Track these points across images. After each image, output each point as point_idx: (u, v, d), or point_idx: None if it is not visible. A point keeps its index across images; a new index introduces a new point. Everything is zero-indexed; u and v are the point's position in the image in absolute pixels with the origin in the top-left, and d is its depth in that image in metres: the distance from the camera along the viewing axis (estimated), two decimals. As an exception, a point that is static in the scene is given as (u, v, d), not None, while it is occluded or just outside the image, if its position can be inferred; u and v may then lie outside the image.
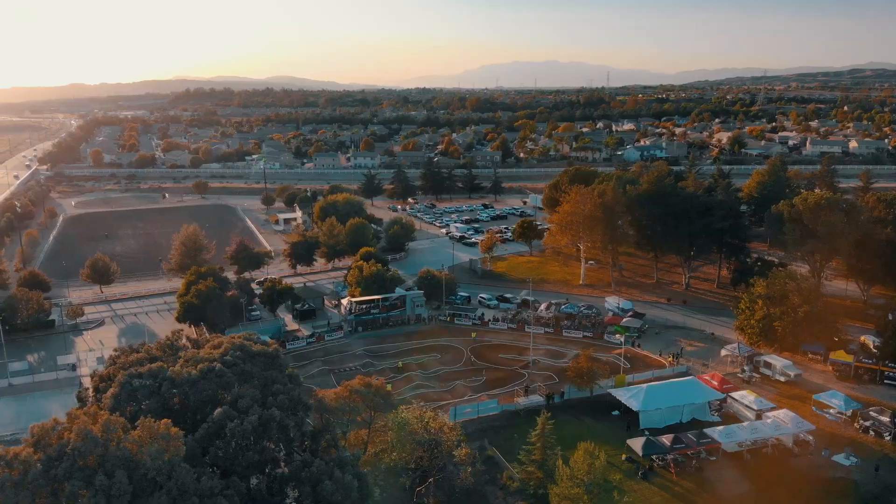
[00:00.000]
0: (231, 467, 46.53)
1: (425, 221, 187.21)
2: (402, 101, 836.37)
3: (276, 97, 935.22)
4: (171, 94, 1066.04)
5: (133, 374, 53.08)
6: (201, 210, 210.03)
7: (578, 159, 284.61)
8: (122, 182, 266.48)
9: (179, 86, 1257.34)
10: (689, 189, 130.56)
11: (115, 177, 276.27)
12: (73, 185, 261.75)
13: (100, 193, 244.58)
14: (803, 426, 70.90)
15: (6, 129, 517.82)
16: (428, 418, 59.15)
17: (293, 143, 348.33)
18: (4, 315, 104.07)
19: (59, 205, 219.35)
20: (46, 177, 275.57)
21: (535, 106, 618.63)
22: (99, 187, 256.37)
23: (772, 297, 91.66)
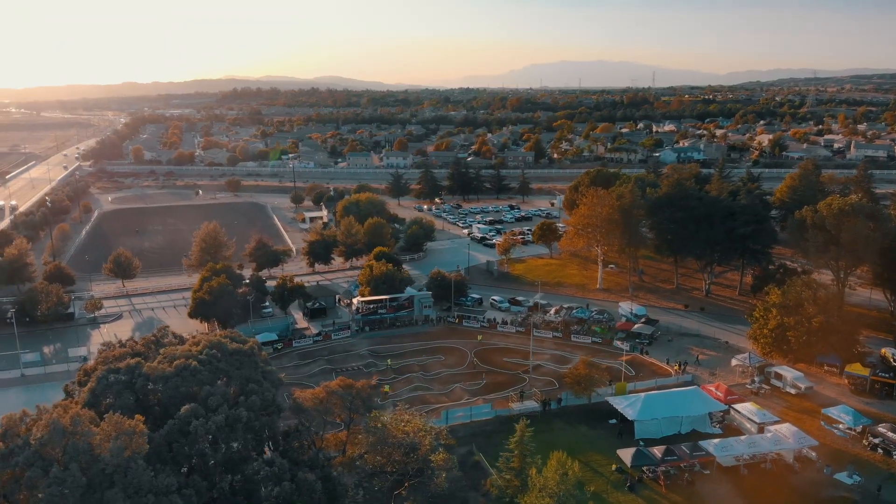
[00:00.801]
0: (195, 465, 46.67)
1: (448, 222, 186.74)
2: (444, 101, 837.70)
3: (320, 97, 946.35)
4: (220, 94, 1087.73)
5: (111, 370, 53.84)
6: (232, 207, 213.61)
7: (613, 160, 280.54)
8: (160, 179, 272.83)
9: (229, 85, 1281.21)
10: (712, 193, 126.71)
11: (154, 173, 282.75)
12: (114, 181, 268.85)
13: (137, 190, 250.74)
14: (806, 441, 68.03)
15: (56, 126, 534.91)
16: (405, 421, 58.50)
17: (329, 143, 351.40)
18: (25, 307, 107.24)
19: (96, 200, 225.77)
20: (88, 173, 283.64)
21: (577, 106, 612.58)
22: (137, 183, 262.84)
23: (787, 305, 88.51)
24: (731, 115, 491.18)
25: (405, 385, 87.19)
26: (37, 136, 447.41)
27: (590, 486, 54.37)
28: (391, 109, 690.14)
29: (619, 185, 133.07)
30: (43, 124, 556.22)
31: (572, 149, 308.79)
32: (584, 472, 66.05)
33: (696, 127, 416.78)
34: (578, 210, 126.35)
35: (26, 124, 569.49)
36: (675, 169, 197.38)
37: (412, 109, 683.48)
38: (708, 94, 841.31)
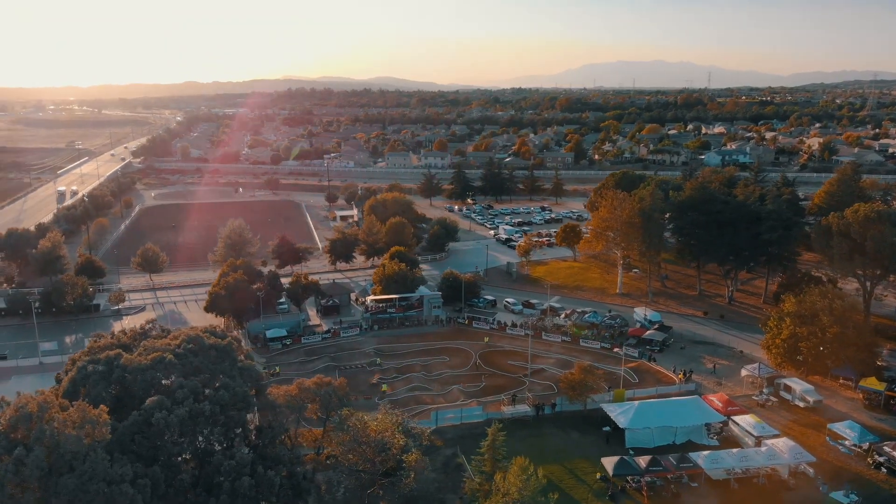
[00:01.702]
0: (156, 456, 47.68)
1: (476, 222, 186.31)
2: (493, 101, 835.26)
3: (372, 97, 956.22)
4: (275, 94, 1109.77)
5: (90, 360, 55.50)
6: (269, 205, 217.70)
7: (655, 162, 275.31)
8: (205, 176, 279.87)
9: (286, 85, 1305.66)
10: (739, 197, 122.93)
11: (200, 171, 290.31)
12: (161, 177, 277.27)
13: (180, 186, 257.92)
14: (803, 457, 65.33)
15: (114, 124, 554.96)
16: (377, 420, 58.58)
17: (372, 143, 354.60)
18: (52, 298, 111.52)
19: (140, 196, 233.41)
20: (137, 169, 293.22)
21: (628, 107, 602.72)
22: (182, 180, 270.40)
23: (802, 315, 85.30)
24: (786, 118, 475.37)
25: (404, 385, 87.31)
26: (94, 132, 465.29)
27: (554, 494, 53.22)
28: (439, 110, 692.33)
29: (646, 186, 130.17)
30: (102, 122, 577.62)
31: (613, 150, 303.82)
32: (567, 480, 65.56)
33: (748, 129, 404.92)
34: (598, 212, 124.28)
35: (87, 121, 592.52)
36: (716, 171, 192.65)
37: (459, 110, 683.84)
38: (766, 96, 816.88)
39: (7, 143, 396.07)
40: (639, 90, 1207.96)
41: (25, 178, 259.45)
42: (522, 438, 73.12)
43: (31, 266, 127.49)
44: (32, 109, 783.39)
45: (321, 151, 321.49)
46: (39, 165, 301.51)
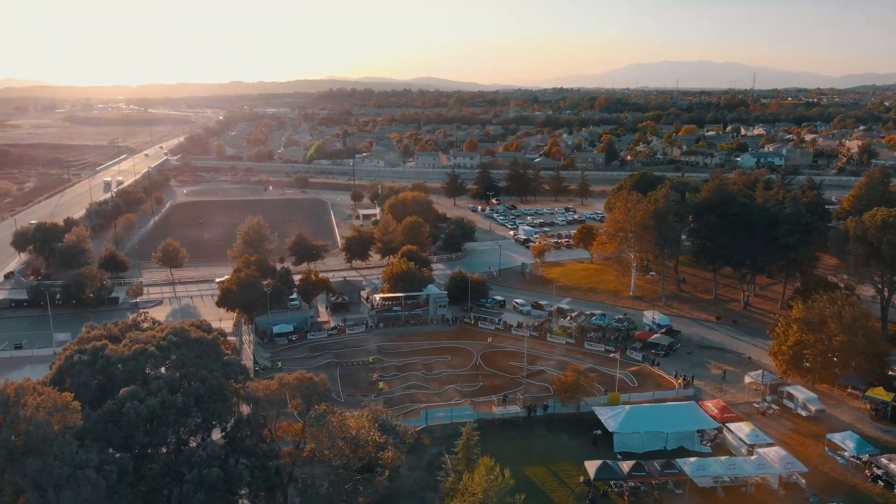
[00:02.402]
0: (127, 445, 48.89)
1: (497, 223, 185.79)
2: (532, 101, 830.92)
3: (410, 98, 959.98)
4: (316, 94, 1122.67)
5: (77, 350, 57.19)
6: (295, 203, 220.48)
7: (688, 164, 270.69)
8: (239, 174, 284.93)
9: (329, 85, 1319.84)
10: (758, 199, 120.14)
11: (234, 169, 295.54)
12: (196, 175, 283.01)
13: (213, 184, 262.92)
14: (794, 467, 63.63)
15: (158, 122, 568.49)
16: (355, 417, 59.02)
17: (404, 143, 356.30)
18: (71, 290, 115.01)
19: (172, 192, 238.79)
20: (174, 166, 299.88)
21: (668, 107, 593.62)
22: (215, 178, 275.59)
23: (810, 321, 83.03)
24: (830, 120, 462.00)
25: (402, 383, 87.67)
26: (138, 130, 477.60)
27: (520, 495, 52.83)
28: (476, 110, 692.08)
29: (660, 189, 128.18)
30: (147, 120, 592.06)
31: (646, 150, 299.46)
32: (549, 482, 65.14)
33: (788, 131, 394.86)
34: (612, 214, 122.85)
35: (132, 120, 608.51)
36: (744, 173, 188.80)
37: (496, 110, 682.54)
38: (813, 98, 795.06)
39: (53, 140, 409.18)
40: (683, 91, 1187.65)
41: (65, 174, 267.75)
42: (511, 439, 72.92)
43: (58, 259, 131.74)
44: (81, 108, 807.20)
45: (353, 151, 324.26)
46: (80, 162, 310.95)
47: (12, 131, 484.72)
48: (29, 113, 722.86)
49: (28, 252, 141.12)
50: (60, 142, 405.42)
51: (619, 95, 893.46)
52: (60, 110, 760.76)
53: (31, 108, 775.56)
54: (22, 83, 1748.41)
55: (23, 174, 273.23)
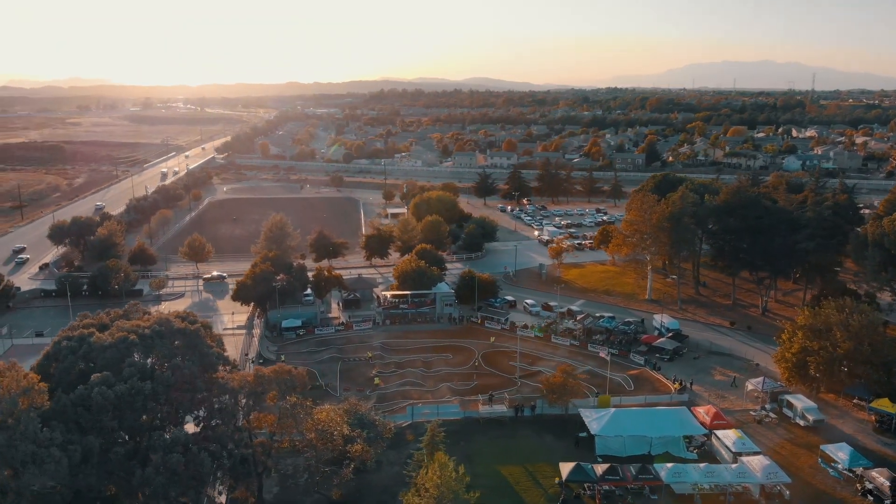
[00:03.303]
0: (94, 427, 51.00)
1: (524, 223, 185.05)
2: (582, 101, 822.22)
3: (459, 98, 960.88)
4: (368, 94, 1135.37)
5: (66, 337, 59.88)
6: (329, 201, 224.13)
7: (730, 166, 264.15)
8: (280, 172, 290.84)
9: (383, 86, 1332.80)
10: (780, 202, 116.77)
11: (276, 168, 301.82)
12: (239, 173, 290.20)
13: (254, 182, 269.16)
14: (777, 477, 61.84)
15: (210, 121, 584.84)
16: (325, 411, 60.10)
17: (444, 143, 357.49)
18: (97, 282, 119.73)
19: (213, 190, 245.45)
20: (219, 165, 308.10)
21: (720, 108, 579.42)
22: (257, 176, 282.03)
23: (816, 328, 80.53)
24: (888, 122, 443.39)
25: (398, 379, 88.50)
26: (191, 129, 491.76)
27: (474, 493, 52.84)
28: (523, 110, 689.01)
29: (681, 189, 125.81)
30: (201, 119, 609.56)
31: (687, 152, 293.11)
32: (524, 482, 64.98)
33: (841, 133, 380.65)
34: (627, 215, 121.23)
35: (187, 118, 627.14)
36: (782, 176, 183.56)
37: (544, 109, 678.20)
38: (876, 99, 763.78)
39: (110, 138, 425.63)
40: (741, 91, 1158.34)
41: (114, 170, 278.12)
42: (494, 438, 72.92)
43: (90, 252, 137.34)
44: (141, 107, 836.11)
45: (392, 151, 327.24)
46: (131, 159, 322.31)
47: (72, 129, 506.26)
48: (91, 111, 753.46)
49: (65, 245, 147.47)
50: (116, 139, 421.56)
51: (671, 96, 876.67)
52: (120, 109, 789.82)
53: (93, 106, 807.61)
54: (87, 82, 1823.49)
55: (74, 170, 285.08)
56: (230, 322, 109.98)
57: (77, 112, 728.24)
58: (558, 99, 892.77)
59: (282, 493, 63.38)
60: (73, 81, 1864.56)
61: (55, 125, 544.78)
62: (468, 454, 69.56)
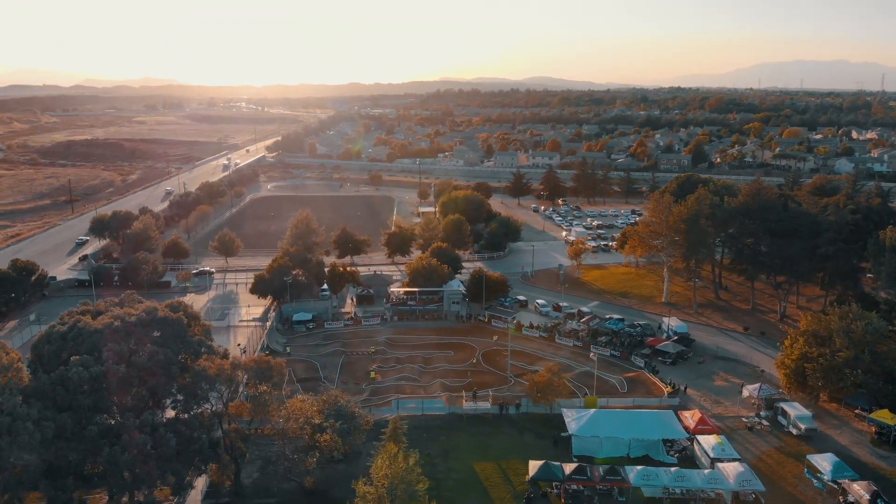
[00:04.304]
0: (70, 406, 54.16)
1: (555, 223, 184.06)
2: (640, 100, 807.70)
3: (514, 98, 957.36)
4: (425, 95, 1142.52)
5: (59, 322, 63.60)
6: (365, 199, 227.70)
7: (778, 168, 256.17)
8: (326, 171, 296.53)
9: (441, 86, 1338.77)
10: (803, 205, 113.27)
11: (323, 167, 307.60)
12: (286, 171, 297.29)
13: (298, 180, 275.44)
14: (751, 485, 60.64)
15: (268, 121, 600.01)
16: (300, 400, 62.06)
17: (489, 142, 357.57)
18: (126, 273, 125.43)
19: (258, 187, 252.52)
20: (269, 163, 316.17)
21: (781, 109, 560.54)
22: (302, 175, 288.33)
23: (818, 335, 78.28)
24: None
25: (395, 374, 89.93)
26: (249, 128, 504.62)
27: (423, 483, 53.55)
28: (578, 109, 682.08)
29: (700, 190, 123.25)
30: (259, 119, 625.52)
31: (733, 153, 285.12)
32: (494, 478, 65.52)
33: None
34: (644, 217, 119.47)
35: (247, 118, 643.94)
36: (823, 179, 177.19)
37: (599, 109, 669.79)
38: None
39: (170, 136, 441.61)
40: (808, 92, 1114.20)
41: (168, 167, 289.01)
42: (475, 434, 73.60)
43: (126, 245, 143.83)
44: (204, 106, 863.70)
45: (436, 150, 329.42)
46: (184, 157, 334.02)
47: (137, 127, 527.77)
48: (157, 110, 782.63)
49: (106, 237, 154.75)
50: (175, 137, 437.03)
51: (733, 96, 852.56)
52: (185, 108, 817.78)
53: (159, 105, 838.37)
54: (157, 82, 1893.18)
55: (131, 166, 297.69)
56: (246, 314, 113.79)
57: (144, 111, 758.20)
58: (616, 98, 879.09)
59: (261, 479, 65.61)
60: (144, 81, 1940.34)
61: (121, 123, 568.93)
62: (446, 449, 70.66)
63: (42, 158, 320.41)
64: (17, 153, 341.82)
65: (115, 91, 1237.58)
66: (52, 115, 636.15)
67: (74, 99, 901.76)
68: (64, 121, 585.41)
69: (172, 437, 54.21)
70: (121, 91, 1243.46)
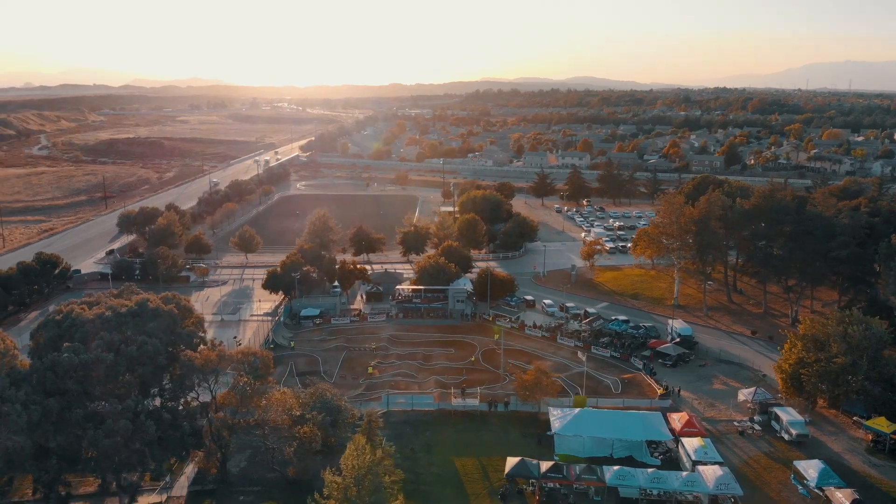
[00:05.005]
0: (58, 390, 56.62)
1: (575, 224, 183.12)
2: (682, 101, 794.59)
3: (553, 98, 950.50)
4: (464, 95, 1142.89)
5: (56, 311, 66.48)
6: (389, 198, 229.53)
7: (812, 170, 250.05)
8: (356, 170, 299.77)
9: (482, 86, 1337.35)
10: (818, 208, 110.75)
11: (354, 166, 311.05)
12: (317, 170, 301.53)
13: (327, 179, 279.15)
14: (728, 489, 59.93)
15: (306, 121, 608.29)
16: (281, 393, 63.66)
17: (520, 142, 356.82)
18: (147, 267, 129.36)
19: (287, 186, 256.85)
20: (302, 163, 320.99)
21: (825, 110, 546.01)
22: (332, 174, 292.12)
23: (816, 339, 76.83)
24: None
25: (392, 370, 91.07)
26: (287, 128, 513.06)
27: (393, 476, 54.42)
28: (617, 109, 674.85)
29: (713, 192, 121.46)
30: (299, 119, 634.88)
31: (767, 154, 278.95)
32: (472, 473, 66.12)
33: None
34: (654, 218, 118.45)
35: (287, 118, 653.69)
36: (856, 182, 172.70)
37: (638, 109, 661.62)
38: None
39: (211, 135, 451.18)
40: (857, 93, 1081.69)
41: (203, 165, 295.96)
42: (461, 430, 74.29)
43: (150, 240, 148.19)
44: (247, 106, 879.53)
45: (466, 150, 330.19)
46: (221, 155, 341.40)
47: (179, 126, 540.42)
48: (200, 109, 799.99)
49: (133, 233, 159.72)
50: (215, 136, 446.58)
51: (779, 96, 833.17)
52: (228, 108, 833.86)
53: (203, 105, 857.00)
54: (204, 82, 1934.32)
55: (168, 164, 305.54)
56: (257, 309, 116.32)
57: (188, 110, 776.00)
58: (657, 98, 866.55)
59: (248, 468, 67.46)
60: (191, 81, 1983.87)
61: (165, 122, 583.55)
62: (430, 443, 71.48)
63: (84, 156, 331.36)
64: (61, 150, 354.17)
65: (162, 91, 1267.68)
66: (100, 114, 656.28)
67: (122, 98, 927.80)
68: (110, 119, 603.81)
69: (152, 423, 56.18)
70: (168, 91, 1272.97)
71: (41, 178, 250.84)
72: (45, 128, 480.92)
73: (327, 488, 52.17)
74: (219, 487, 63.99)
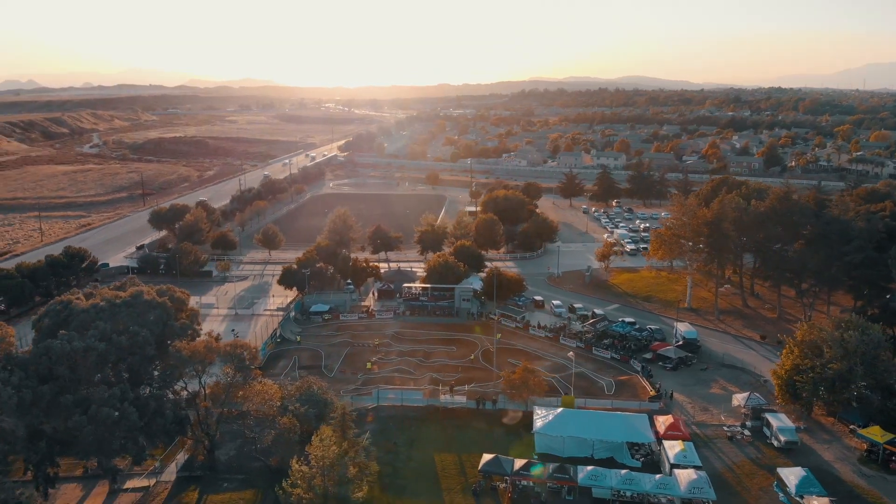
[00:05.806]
0: (50, 375, 59.69)
1: (600, 225, 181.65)
2: (731, 101, 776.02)
3: (600, 97, 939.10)
4: (509, 95, 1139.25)
5: (55, 302, 69.90)
6: (417, 198, 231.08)
7: (852, 172, 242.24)
8: (391, 170, 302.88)
9: (530, 86, 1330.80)
10: (833, 212, 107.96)
11: (390, 166, 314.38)
12: (353, 170, 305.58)
13: (360, 178, 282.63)
14: (702, 493, 59.46)
15: (350, 121, 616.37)
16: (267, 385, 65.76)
17: (557, 142, 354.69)
18: (170, 262, 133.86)
19: (322, 185, 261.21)
20: (339, 162, 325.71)
21: (878, 111, 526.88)
22: (365, 173, 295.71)
23: (813, 345, 75.33)
24: None
25: (390, 366, 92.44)
26: (331, 128, 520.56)
27: (354, 468, 55.57)
28: (663, 109, 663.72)
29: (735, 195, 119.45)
30: (344, 119, 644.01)
31: (808, 157, 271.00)
32: (449, 468, 67.01)
33: None
34: (667, 220, 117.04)
35: (332, 118, 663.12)
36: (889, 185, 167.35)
37: (684, 108, 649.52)
38: None
39: (256, 135, 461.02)
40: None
41: (244, 164, 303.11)
42: (446, 427, 75.17)
43: (178, 236, 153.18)
44: (295, 106, 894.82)
45: (501, 150, 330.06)
46: (263, 154, 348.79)
47: (228, 125, 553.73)
48: (250, 110, 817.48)
49: (164, 229, 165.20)
50: (260, 136, 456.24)
51: (834, 97, 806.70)
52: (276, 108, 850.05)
53: (253, 105, 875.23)
54: (256, 83, 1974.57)
55: (210, 163, 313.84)
56: (271, 304, 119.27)
57: (238, 111, 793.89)
58: (706, 98, 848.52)
59: (236, 457, 69.69)
60: (243, 82, 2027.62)
61: (214, 122, 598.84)
62: (414, 438, 72.58)
63: (131, 154, 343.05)
64: (111, 149, 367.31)
65: (215, 91, 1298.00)
66: (153, 113, 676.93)
67: (176, 98, 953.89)
68: (162, 119, 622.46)
69: (134, 410, 58.68)
70: (220, 91, 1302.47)
71: (87, 175, 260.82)
72: (98, 126, 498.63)
73: (292, 477, 53.81)
74: (205, 474, 66.33)
